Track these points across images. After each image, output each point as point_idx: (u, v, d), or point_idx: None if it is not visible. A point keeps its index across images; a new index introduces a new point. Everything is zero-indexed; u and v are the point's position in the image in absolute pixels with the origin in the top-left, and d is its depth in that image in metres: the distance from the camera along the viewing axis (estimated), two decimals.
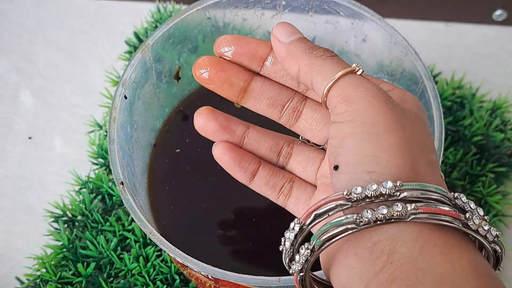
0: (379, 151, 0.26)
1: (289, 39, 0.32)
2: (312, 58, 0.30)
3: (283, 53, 0.32)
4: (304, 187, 0.35)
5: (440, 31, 0.67)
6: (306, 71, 0.31)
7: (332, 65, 0.30)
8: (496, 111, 0.59)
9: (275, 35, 0.32)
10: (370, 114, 0.27)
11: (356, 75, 0.29)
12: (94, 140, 0.58)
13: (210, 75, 0.34)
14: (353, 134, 0.27)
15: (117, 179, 0.39)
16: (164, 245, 0.37)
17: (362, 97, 0.27)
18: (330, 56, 0.31)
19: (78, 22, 0.68)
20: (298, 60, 0.31)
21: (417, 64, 0.44)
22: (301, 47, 0.31)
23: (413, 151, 0.27)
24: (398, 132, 0.27)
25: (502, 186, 0.56)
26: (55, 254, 0.51)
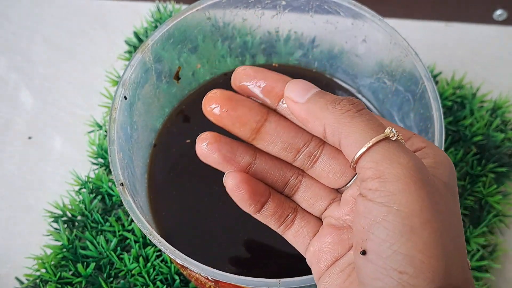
0: (414, 250, 0.24)
1: (306, 97, 0.29)
2: (337, 115, 0.27)
3: (303, 114, 0.29)
4: (307, 219, 0.33)
5: (440, 31, 0.67)
6: (332, 132, 0.27)
7: (363, 127, 0.26)
8: (496, 111, 0.59)
9: (289, 97, 0.29)
10: (406, 202, 0.24)
11: (391, 143, 0.26)
12: (94, 140, 0.58)
13: (221, 113, 0.31)
14: (386, 223, 0.25)
15: (117, 180, 0.39)
16: (164, 246, 0.37)
17: (398, 177, 0.25)
18: (358, 111, 0.27)
19: (78, 22, 0.68)
20: (322, 119, 0.28)
21: (417, 64, 0.44)
22: (322, 103, 0.28)
23: (447, 248, 0.25)
24: (434, 223, 0.24)
25: (502, 186, 0.56)
26: (54, 254, 0.51)
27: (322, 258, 0.31)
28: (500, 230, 0.55)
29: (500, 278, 0.53)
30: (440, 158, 0.28)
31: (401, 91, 0.48)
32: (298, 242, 0.33)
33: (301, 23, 0.51)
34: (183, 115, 0.52)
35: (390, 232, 0.24)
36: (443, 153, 0.29)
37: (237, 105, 0.31)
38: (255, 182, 0.32)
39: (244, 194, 0.31)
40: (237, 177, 0.32)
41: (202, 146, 0.32)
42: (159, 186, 0.49)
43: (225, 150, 0.32)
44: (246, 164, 0.32)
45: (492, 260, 0.52)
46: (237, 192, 0.32)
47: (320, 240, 0.31)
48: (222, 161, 0.32)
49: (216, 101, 0.31)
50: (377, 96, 0.52)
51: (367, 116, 0.27)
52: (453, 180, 0.28)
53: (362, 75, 0.52)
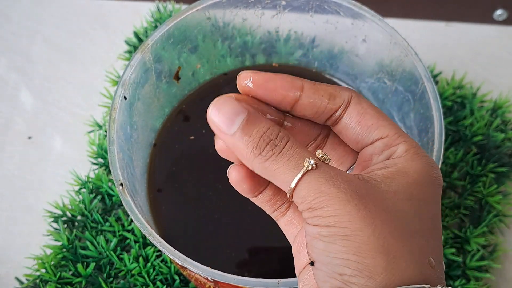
0: (347, 254, 0.26)
1: (232, 129, 0.29)
2: (262, 161, 0.28)
3: (231, 147, 0.29)
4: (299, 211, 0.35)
5: (440, 31, 0.67)
6: (261, 174, 0.29)
7: (285, 169, 0.28)
8: (496, 111, 0.59)
9: (216, 126, 0.29)
10: (334, 219, 0.27)
11: (312, 174, 0.28)
12: (93, 140, 0.58)
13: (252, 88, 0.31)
14: (322, 237, 0.27)
15: (117, 181, 0.39)
16: (164, 247, 0.37)
17: (323, 203, 0.27)
18: (280, 153, 0.28)
19: (78, 22, 0.68)
20: (250, 162, 0.29)
21: (417, 65, 0.44)
22: (248, 146, 0.28)
23: (387, 245, 0.26)
24: (366, 230, 0.26)
25: (502, 186, 0.56)
26: (54, 254, 0.51)
27: (303, 251, 0.32)
28: (500, 230, 0.55)
29: (500, 278, 0.53)
30: (407, 168, 0.29)
31: (401, 91, 0.48)
32: (288, 231, 0.34)
33: (301, 23, 0.51)
34: (183, 115, 0.52)
35: (327, 243, 0.27)
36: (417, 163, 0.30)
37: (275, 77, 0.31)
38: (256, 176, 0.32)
39: (246, 188, 0.32)
40: (241, 171, 0.32)
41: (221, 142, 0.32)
42: (159, 186, 0.49)
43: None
44: None
45: (492, 260, 0.52)
46: (240, 185, 0.32)
47: (303, 233, 0.32)
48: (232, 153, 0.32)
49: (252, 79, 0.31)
50: (377, 96, 0.52)
51: (288, 154, 0.28)
52: (416, 188, 0.29)
53: (362, 75, 0.52)
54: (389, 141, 0.30)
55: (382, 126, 0.31)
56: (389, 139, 0.30)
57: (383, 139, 0.31)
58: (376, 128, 0.31)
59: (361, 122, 0.31)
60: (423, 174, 0.29)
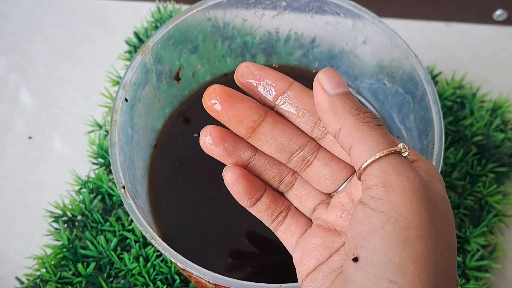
0: (407, 261, 0.25)
1: (336, 91, 0.29)
2: (358, 121, 0.28)
3: (326, 105, 0.29)
4: (297, 218, 0.34)
5: (440, 31, 0.67)
6: (348, 133, 0.28)
7: (379, 138, 0.27)
8: (496, 111, 0.59)
9: (321, 82, 0.29)
10: (406, 214, 0.25)
11: (401, 157, 0.27)
12: (94, 140, 0.58)
13: (220, 109, 0.31)
14: (383, 231, 0.25)
15: (119, 183, 0.39)
16: (166, 250, 0.37)
17: (403, 189, 0.26)
18: (377, 125, 0.28)
19: (78, 22, 0.68)
20: (342, 118, 0.28)
21: (417, 67, 0.44)
22: (348, 105, 0.29)
23: (438, 263, 0.25)
24: (429, 240, 0.25)
25: (502, 186, 0.56)
26: (55, 254, 0.51)
27: (306, 259, 0.32)
28: (500, 230, 0.55)
29: (500, 278, 0.53)
30: (431, 172, 0.29)
31: (401, 93, 0.48)
32: (286, 239, 0.34)
33: (301, 23, 0.51)
34: (183, 115, 0.52)
35: (386, 240, 0.25)
36: (433, 167, 0.30)
37: (235, 102, 0.31)
38: (252, 178, 0.33)
39: (241, 189, 0.32)
40: (235, 171, 0.32)
41: (205, 140, 0.32)
42: (160, 187, 0.49)
43: (228, 144, 0.32)
44: (247, 158, 0.33)
45: (492, 260, 0.53)
46: (235, 186, 0.33)
47: (306, 239, 0.32)
48: (224, 155, 0.33)
49: (215, 97, 0.31)
50: (377, 97, 0.52)
51: (384, 131, 0.28)
52: (444, 191, 0.29)
53: (362, 76, 0.52)
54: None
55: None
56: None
57: None
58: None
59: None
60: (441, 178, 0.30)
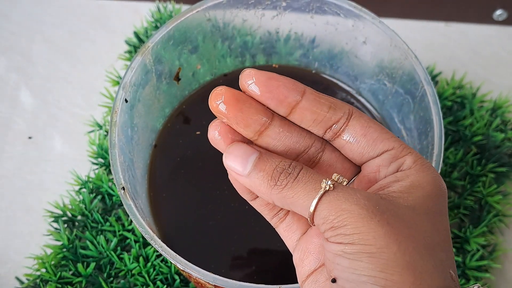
0: (375, 271, 0.26)
1: (247, 167, 0.30)
2: (279, 191, 0.29)
3: (249, 187, 0.30)
4: (298, 216, 0.34)
5: (440, 31, 0.67)
6: (281, 204, 0.30)
7: (303, 192, 0.28)
8: (496, 111, 0.59)
9: (231, 169, 0.30)
10: (358, 236, 0.27)
11: (331, 194, 0.28)
12: (94, 140, 0.58)
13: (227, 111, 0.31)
14: (346, 254, 0.27)
15: (119, 184, 0.39)
16: (166, 251, 0.37)
17: (345, 221, 0.27)
18: (295, 179, 0.29)
19: (78, 22, 0.68)
20: (268, 195, 0.29)
21: (417, 68, 0.44)
22: (264, 180, 0.29)
23: (413, 261, 0.27)
24: (392, 246, 0.26)
25: (502, 186, 0.56)
26: (55, 254, 0.51)
27: (307, 259, 0.32)
28: (500, 230, 0.55)
29: (500, 278, 0.53)
30: (419, 181, 0.30)
31: (401, 93, 0.48)
32: (287, 237, 0.34)
33: (301, 23, 0.51)
34: (183, 115, 0.52)
35: (351, 260, 0.27)
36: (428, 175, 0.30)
37: (243, 106, 0.31)
38: None
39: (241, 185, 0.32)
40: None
41: (214, 133, 0.32)
42: (160, 187, 0.49)
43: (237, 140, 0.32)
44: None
45: (492, 260, 0.53)
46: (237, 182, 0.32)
47: (307, 239, 0.32)
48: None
49: (221, 98, 0.31)
50: (377, 97, 0.52)
51: (304, 179, 0.29)
52: (430, 201, 0.29)
53: (362, 76, 0.52)
54: (396, 153, 0.31)
55: (386, 139, 0.31)
56: (395, 151, 0.31)
57: (389, 151, 0.31)
58: (381, 141, 0.31)
59: (366, 135, 0.31)
60: (434, 186, 0.30)
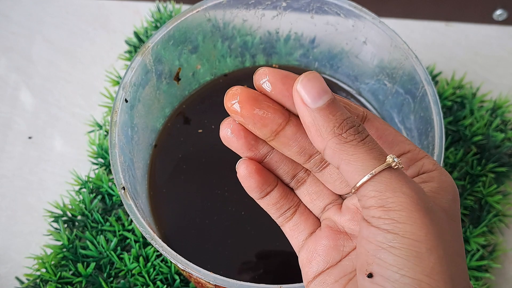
0: (421, 274, 0.25)
1: (317, 103, 0.28)
2: (341, 141, 0.27)
3: (308, 121, 0.28)
4: (306, 216, 0.33)
5: (440, 31, 0.67)
6: (333, 155, 0.27)
7: (365, 156, 0.26)
8: (496, 111, 0.59)
9: (300, 94, 0.28)
10: (411, 229, 0.25)
11: (393, 172, 0.26)
12: (94, 140, 0.58)
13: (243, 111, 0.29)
14: (393, 249, 0.25)
15: (119, 184, 0.39)
16: (166, 251, 0.37)
17: (402, 206, 0.25)
18: (362, 141, 0.27)
19: (78, 22, 0.68)
20: (325, 139, 0.27)
21: (417, 68, 0.44)
22: (330, 123, 0.27)
23: (452, 272, 0.26)
24: (439, 249, 0.25)
25: (502, 186, 0.56)
26: (55, 254, 0.51)
27: (315, 260, 0.31)
28: (500, 230, 0.55)
29: (500, 278, 0.53)
30: (444, 184, 0.29)
31: (401, 93, 0.48)
32: (293, 237, 0.33)
33: (301, 24, 0.51)
34: (183, 115, 0.52)
35: (397, 257, 0.25)
36: (449, 179, 0.29)
37: (261, 105, 0.29)
38: (265, 173, 0.32)
39: (253, 184, 0.31)
40: (250, 166, 0.31)
41: (226, 131, 0.31)
42: (160, 187, 0.49)
43: (251, 138, 0.31)
44: (265, 153, 0.32)
45: (492, 260, 0.53)
46: (247, 180, 0.31)
47: (316, 240, 0.31)
48: (244, 148, 0.31)
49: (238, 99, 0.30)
50: (377, 97, 0.52)
51: (370, 145, 0.27)
52: (455, 205, 0.28)
53: (362, 76, 0.52)
54: (413, 155, 0.30)
55: (402, 142, 0.30)
56: (412, 154, 0.30)
57: (406, 154, 0.30)
58: (396, 143, 0.30)
59: (381, 137, 0.30)
60: (455, 189, 0.29)
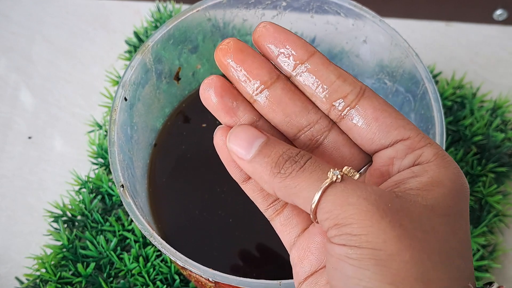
0: (383, 282, 0.23)
1: (250, 153, 0.27)
2: (282, 179, 0.26)
3: (251, 172, 0.27)
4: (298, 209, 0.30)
5: (440, 31, 0.67)
6: (283, 195, 0.26)
7: (307, 183, 0.25)
8: (496, 110, 0.59)
9: (233, 151, 0.27)
10: (367, 238, 0.23)
11: (338, 186, 0.25)
12: (93, 140, 0.58)
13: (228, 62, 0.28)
14: (350, 260, 0.23)
15: (118, 182, 0.39)
16: (165, 248, 0.37)
17: (352, 218, 0.23)
18: (301, 168, 0.26)
19: (78, 22, 0.68)
20: (270, 184, 0.26)
21: (418, 66, 0.44)
22: (267, 166, 0.26)
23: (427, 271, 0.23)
24: (405, 253, 0.23)
25: (502, 186, 0.56)
26: (54, 254, 0.51)
27: (307, 259, 0.29)
28: (500, 230, 0.55)
29: (500, 278, 0.53)
30: (438, 178, 0.26)
31: (402, 92, 0.48)
32: (284, 233, 0.30)
33: (301, 23, 0.51)
34: (183, 115, 0.52)
35: (356, 268, 0.23)
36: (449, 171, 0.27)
37: (247, 58, 0.28)
38: None
39: (228, 155, 0.29)
40: (226, 134, 0.28)
41: (205, 88, 0.29)
42: (160, 187, 0.49)
43: (228, 98, 0.29)
44: (247, 121, 0.29)
45: (492, 260, 0.52)
46: (223, 150, 0.29)
47: (309, 237, 0.29)
48: (221, 109, 0.29)
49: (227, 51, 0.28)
50: None
51: (310, 168, 0.26)
52: (451, 200, 0.26)
53: (362, 75, 0.52)
54: (412, 143, 0.27)
55: (402, 127, 0.27)
56: (412, 141, 0.27)
57: (405, 141, 0.27)
58: (395, 128, 0.27)
59: (378, 119, 0.27)
60: (456, 183, 0.26)
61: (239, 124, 0.28)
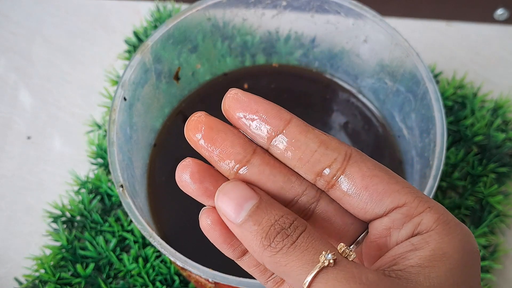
0: None
1: (239, 216, 0.24)
2: (272, 253, 0.24)
3: (239, 236, 0.25)
4: None
5: (441, 31, 0.67)
6: (272, 269, 0.24)
7: (298, 263, 0.23)
8: (497, 110, 0.59)
9: (222, 213, 0.25)
10: None
11: (330, 271, 0.23)
12: (93, 140, 0.58)
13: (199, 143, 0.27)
14: None
15: (117, 182, 0.39)
16: (164, 248, 0.37)
17: None
18: (293, 244, 0.24)
19: (78, 22, 0.68)
20: (258, 253, 0.24)
21: (418, 65, 0.44)
22: (257, 236, 0.24)
23: None
24: None
25: (503, 186, 0.56)
26: (54, 255, 0.51)
27: None
28: (501, 230, 0.55)
29: (501, 279, 0.53)
30: (442, 250, 0.24)
31: (402, 92, 0.48)
32: None
33: (301, 23, 0.51)
34: (183, 114, 0.52)
35: None
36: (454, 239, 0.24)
37: (217, 136, 0.26)
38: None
39: (218, 237, 0.27)
40: (212, 215, 0.26)
41: (181, 175, 0.27)
42: (159, 187, 0.49)
43: (207, 183, 0.26)
44: None
45: (493, 261, 0.52)
46: (211, 233, 0.27)
47: None
48: (202, 195, 0.27)
49: (197, 128, 0.27)
50: (378, 96, 0.52)
51: (303, 246, 0.24)
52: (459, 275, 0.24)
53: (363, 75, 0.52)
54: (409, 210, 0.25)
55: (396, 192, 0.25)
56: (409, 208, 0.25)
57: (400, 208, 0.25)
58: (388, 194, 0.25)
59: (368, 187, 0.25)
60: (464, 252, 0.24)
61: (231, 180, 0.26)
